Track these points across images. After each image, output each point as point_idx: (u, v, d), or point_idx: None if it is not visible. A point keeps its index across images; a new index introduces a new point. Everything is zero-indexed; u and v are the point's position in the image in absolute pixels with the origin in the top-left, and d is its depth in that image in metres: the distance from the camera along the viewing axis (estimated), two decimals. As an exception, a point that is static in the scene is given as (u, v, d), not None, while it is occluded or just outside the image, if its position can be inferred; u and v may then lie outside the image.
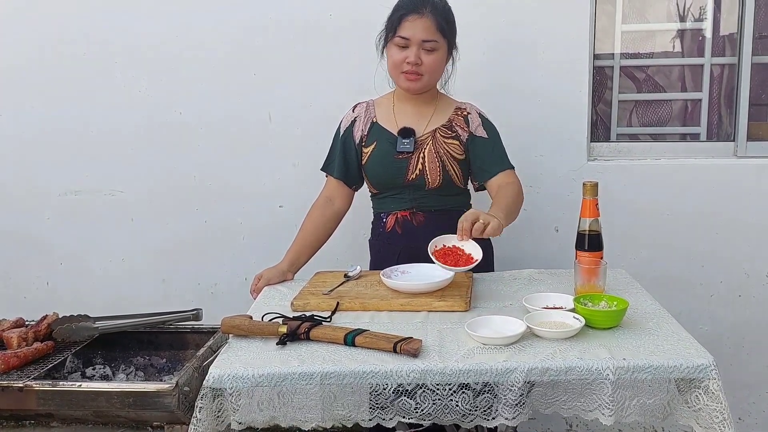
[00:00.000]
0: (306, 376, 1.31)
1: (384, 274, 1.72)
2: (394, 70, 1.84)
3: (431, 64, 1.82)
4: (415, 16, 1.78)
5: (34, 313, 1.80)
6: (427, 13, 1.79)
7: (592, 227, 1.63)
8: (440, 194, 1.90)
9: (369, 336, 1.39)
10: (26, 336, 1.57)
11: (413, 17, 1.78)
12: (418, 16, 1.78)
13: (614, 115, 2.54)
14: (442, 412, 1.32)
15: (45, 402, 1.40)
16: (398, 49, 1.81)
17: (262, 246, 2.44)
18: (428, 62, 1.81)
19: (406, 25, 1.79)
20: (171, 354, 1.73)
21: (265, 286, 1.84)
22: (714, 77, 2.51)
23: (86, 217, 2.55)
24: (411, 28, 1.78)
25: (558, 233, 2.40)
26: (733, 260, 2.41)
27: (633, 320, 1.49)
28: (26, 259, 2.60)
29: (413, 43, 1.79)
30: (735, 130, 2.44)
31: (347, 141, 1.94)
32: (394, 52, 1.82)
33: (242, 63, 2.41)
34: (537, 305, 1.54)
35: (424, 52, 1.80)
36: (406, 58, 1.80)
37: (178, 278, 2.57)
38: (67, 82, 2.46)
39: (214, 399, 1.32)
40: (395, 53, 1.81)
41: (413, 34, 1.78)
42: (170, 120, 2.46)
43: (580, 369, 1.29)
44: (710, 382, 1.28)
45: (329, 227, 1.98)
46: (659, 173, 2.39)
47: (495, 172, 1.89)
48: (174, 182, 2.50)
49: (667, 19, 2.51)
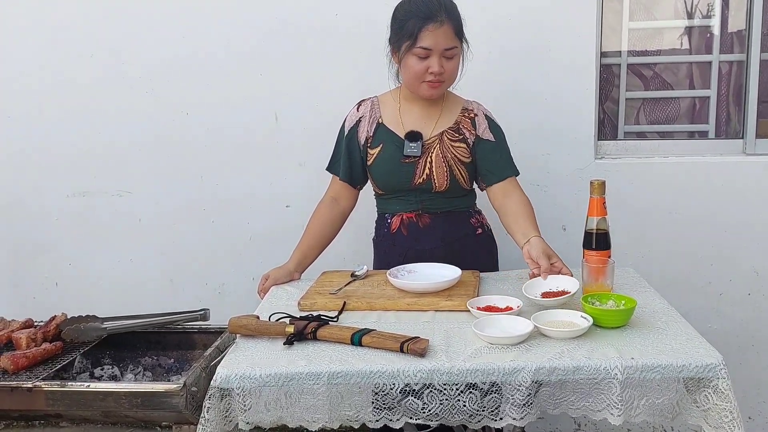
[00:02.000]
0: (313, 376, 1.31)
1: (391, 273, 1.72)
2: (416, 80, 1.78)
3: (452, 70, 1.79)
4: (435, 25, 1.72)
5: (43, 314, 1.81)
6: (444, 19, 1.73)
7: (600, 226, 1.62)
8: (447, 196, 1.89)
9: (376, 336, 1.39)
10: (35, 337, 1.58)
11: (433, 26, 1.72)
12: (438, 24, 1.72)
13: (621, 113, 2.53)
14: (450, 412, 1.32)
15: (54, 402, 1.41)
16: (418, 60, 1.75)
17: (269, 246, 2.44)
18: (449, 69, 1.78)
19: (427, 35, 1.72)
20: (179, 354, 1.73)
21: (272, 286, 1.85)
22: (722, 74, 2.49)
23: (94, 219, 2.56)
24: (432, 37, 1.73)
25: (566, 232, 2.39)
26: (742, 258, 2.39)
27: (641, 319, 1.48)
28: (35, 261, 2.61)
29: (435, 52, 1.74)
30: (744, 128, 2.42)
31: (352, 141, 1.92)
32: (414, 62, 1.76)
33: (248, 64, 2.41)
34: (536, 293, 1.56)
35: (445, 60, 1.76)
36: (429, 68, 1.75)
37: (185, 279, 2.58)
38: (74, 85, 2.47)
39: (221, 399, 1.32)
40: (415, 63, 1.76)
41: (435, 44, 1.73)
42: (177, 121, 2.47)
43: (588, 368, 1.29)
44: (719, 381, 1.27)
45: (335, 227, 1.98)
46: (667, 171, 2.38)
47: (504, 176, 1.87)
48: (181, 183, 2.51)
49: (674, 16, 2.49)
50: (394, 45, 1.81)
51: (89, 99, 2.48)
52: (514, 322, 1.44)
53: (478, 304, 1.55)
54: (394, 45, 1.81)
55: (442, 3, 1.76)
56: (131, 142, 2.50)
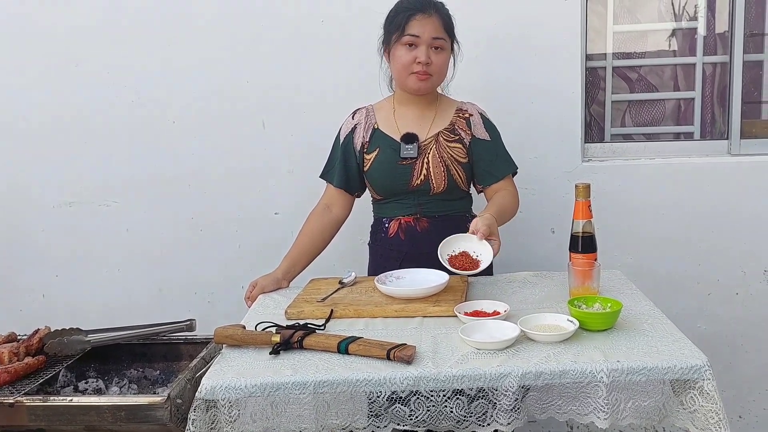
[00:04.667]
0: (299, 385, 1.30)
1: (378, 280, 1.71)
2: (404, 71, 1.80)
3: (440, 63, 1.81)
4: (423, 15, 1.77)
5: (30, 325, 1.78)
6: (433, 12, 1.79)
7: (586, 229, 1.62)
8: (444, 199, 1.89)
9: (362, 343, 1.38)
10: (18, 351, 1.56)
11: (421, 16, 1.77)
12: (426, 15, 1.77)
13: (608, 116, 2.54)
14: (437, 418, 1.31)
15: (36, 417, 1.39)
16: (407, 50, 1.78)
17: (258, 253, 2.43)
18: (437, 62, 1.80)
19: (415, 24, 1.77)
20: (165, 365, 1.71)
21: (259, 294, 1.84)
22: (706, 76, 2.50)
23: (81, 229, 2.54)
24: (420, 26, 1.77)
25: (554, 234, 2.39)
26: (729, 258, 2.40)
27: (627, 322, 1.48)
28: (21, 272, 2.59)
29: (423, 41, 1.77)
30: (728, 128, 2.44)
31: (348, 148, 1.93)
32: (403, 52, 1.78)
33: (235, 71, 2.40)
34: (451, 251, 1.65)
35: (433, 52, 1.78)
36: (416, 58, 1.77)
37: (174, 287, 2.56)
38: (60, 94, 2.46)
39: (207, 410, 1.31)
40: (403, 54, 1.78)
41: (423, 31, 1.76)
42: (164, 129, 2.46)
43: (575, 372, 1.28)
44: (705, 382, 1.27)
45: (326, 235, 1.97)
46: (654, 173, 2.39)
47: (500, 175, 1.89)
48: (168, 191, 2.49)
49: (658, 18, 2.51)
50: (385, 42, 1.85)
51: (75, 109, 2.46)
52: (500, 327, 1.44)
53: (466, 309, 1.55)
54: (385, 41, 1.84)
55: (432, 1, 1.81)
56: (118, 151, 2.48)
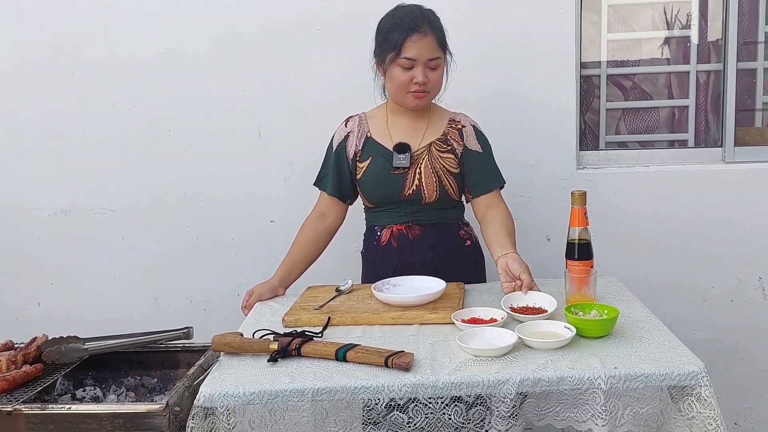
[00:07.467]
0: (297, 392, 1.30)
1: (375, 287, 1.71)
2: (401, 90, 1.81)
3: (436, 80, 1.82)
4: (419, 36, 1.75)
5: (26, 333, 1.78)
6: (427, 30, 1.76)
7: (582, 236, 1.64)
8: (436, 208, 1.90)
9: (360, 351, 1.39)
10: (15, 359, 1.55)
11: (416, 37, 1.75)
12: (422, 35, 1.75)
13: (602, 124, 2.55)
14: (435, 425, 1.32)
15: (35, 426, 1.39)
16: (403, 70, 1.78)
17: (254, 261, 2.44)
18: (433, 79, 1.80)
19: (411, 46, 1.75)
20: (162, 373, 1.71)
21: (256, 302, 1.84)
22: (700, 84, 2.53)
23: (77, 237, 2.54)
24: (416, 48, 1.75)
25: (549, 242, 2.40)
26: (724, 265, 2.41)
27: (624, 328, 1.49)
28: (17, 280, 2.58)
29: (419, 63, 1.77)
30: (722, 136, 2.46)
31: (341, 156, 1.93)
32: (399, 72, 1.78)
33: (230, 79, 2.41)
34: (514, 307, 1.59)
35: (429, 70, 1.79)
36: (414, 78, 1.77)
37: (170, 296, 2.56)
38: (55, 102, 2.46)
39: (205, 418, 1.31)
40: (400, 74, 1.78)
41: (419, 54, 1.76)
42: (160, 137, 2.46)
43: (572, 379, 1.29)
44: (702, 389, 1.28)
45: (321, 243, 1.97)
46: (648, 180, 2.41)
47: (490, 188, 1.90)
48: (164, 199, 2.49)
49: (652, 27, 2.53)
50: (378, 57, 1.84)
51: (70, 116, 2.46)
52: (498, 334, 1.45)
53: (463, 317, 1.55)
54: (379, 57, 1.83)
55: (425, 15, 1.80)
56: (113, 158, 2.48)
